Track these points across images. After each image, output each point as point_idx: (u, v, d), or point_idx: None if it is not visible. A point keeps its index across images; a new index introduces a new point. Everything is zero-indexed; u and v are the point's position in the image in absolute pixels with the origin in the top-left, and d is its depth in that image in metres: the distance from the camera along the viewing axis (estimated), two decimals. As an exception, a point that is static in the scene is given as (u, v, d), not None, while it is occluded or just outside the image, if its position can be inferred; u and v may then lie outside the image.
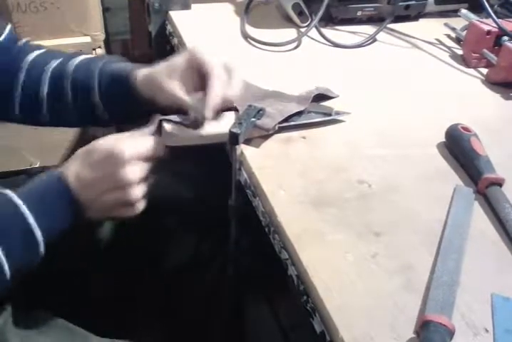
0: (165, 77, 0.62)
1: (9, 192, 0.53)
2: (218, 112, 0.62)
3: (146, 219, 0.59)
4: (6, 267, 0.50)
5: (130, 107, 0.67)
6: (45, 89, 0.68)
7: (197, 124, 0.61)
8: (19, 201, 0.52)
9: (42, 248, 0.53)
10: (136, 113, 0.69)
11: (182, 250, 0.82)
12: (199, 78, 0.62)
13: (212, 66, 0.60)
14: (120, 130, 0.64)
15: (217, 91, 0.59)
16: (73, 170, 0.55)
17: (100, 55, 1.29)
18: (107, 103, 0.68)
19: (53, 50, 0.74)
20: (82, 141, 1.36)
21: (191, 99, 0.61)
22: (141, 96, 0.65)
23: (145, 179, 0.57)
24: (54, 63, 0.69)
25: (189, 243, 0.82)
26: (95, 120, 0.71)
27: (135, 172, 0.55)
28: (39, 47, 0.73)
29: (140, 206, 0.58)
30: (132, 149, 0.55)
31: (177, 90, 0.61)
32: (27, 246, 0.52)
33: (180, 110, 0.62)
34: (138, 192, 0.56)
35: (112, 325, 0.75)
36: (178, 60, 0.63)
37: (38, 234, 0.52)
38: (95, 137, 0.57)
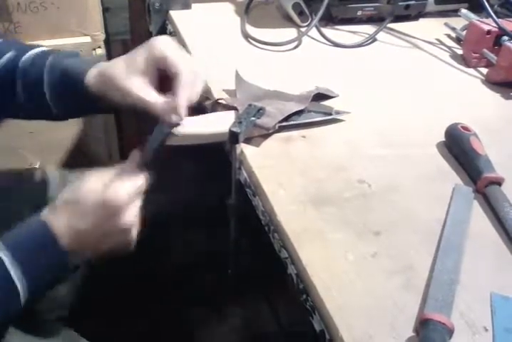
0: (121, 74, 0.57)
1: None
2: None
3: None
4: None
5: (82, 106, 0.64)
6: None
7: (172, 126, 0.58)
8: (6, 260, 0.49)
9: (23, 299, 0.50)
10: (89, 111, 0.66)
11: (182, 249, 0.82)
12: (160, 75, 0.58)
13: (181, 67, 0.56)
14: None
15: (187, 94, 0.56)
16: (64, 224, 0.52)
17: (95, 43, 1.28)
18: (56, 101, 0.63)
19: (7, 41, 0.68)
20: (82, 141, 1.36)
21: (155, 100, 0.56)
22: (93, 94, 0.60)
23: (139, 214, 0.55)
24: (5, 58, 0.64)
25: (189, 242, 0.82)
26: (44, 116, 0.67)
27: (131, 214, 0.54)
28: None
29: (135, 239, 0.56)
30: (125, 193, 0.53)
31: (137, 89, 0.56)
32: (7, 298, 0.50)
33: (137, 109, 0.58)
34: (135, 230, 0.55)
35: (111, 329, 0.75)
36: (138, 55, 0.58)
37: (19, 286, 0.49)
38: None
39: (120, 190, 0.53)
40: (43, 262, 0.52)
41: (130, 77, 0.56)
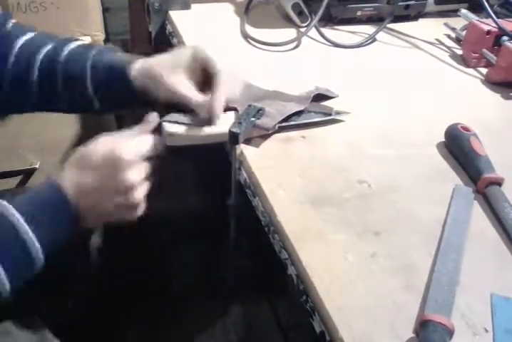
0: (167, 71, 0.61)
1: (6, 204, 0.51)
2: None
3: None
4: (6, 281, 0.49)
5: (123, 100, 0.66)
6: (34, 77, 0.66)
7: (206, 123, 0.61)
8: (17, 215, 0.50)
9: (40, 261, 0.51)
10: (130, 105, 0.68)
11: (182, 249, 0.82)
12: (202, 76, 0.61)
13: (220, 67, 0.60)
14: (119, 123, 0.64)
15: (224, 92, 0.60)
16: (71, 178, 0.53)
17: (95, 43, 1.29)
18: (100, 95, 0.66)
19: (44, 33, 0.70)
20: (82, 141, 1.36)
21: (196, 98, 0.60)
22: (137, 89, 0.63)
23: (146, 180, 0.56)
24: (44, 50, 0.66)
25: (188, 241, 0.82)
26: (85, 109, 0.70)
27: (137, 173, 0.54)
28: (29, 29, 0.70)
29: (141, 208, 0.56)
30: (133, 149, 0.54)
31: (181, 86, 0.60)
32: (25, 260, 0.51)
33: (177, 105, 0.61)
34: (140, 194, 0.55)
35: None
36: (183, 55, 0.62)
37: (36, 248, 0.50)
38: (95, 138, 0.56)
39: (128, 147, 0.54)
40: (53, 216, 0.52)
41: (175, 74, 0.60)
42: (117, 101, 0.67)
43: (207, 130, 0.63)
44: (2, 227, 0.50)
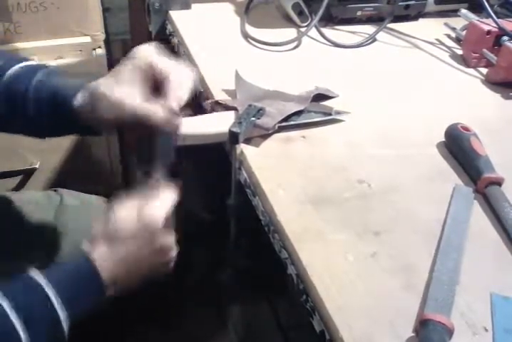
0: (111, 89, 0.56)
1: (41, 279, 0.50)
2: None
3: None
4: None
5: (65, 127, 0.63)
6: None
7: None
8: (50, 292, 0.50)
9: (66, 336, 0.52)
10: (72, 132, 0.66)
11: (182, 249, 0.82)
12: (152, 81, 0.57)
13: (168, 69, 0.56)
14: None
15: (176, 92, 0.56)
16: (104, 256, 0.53)
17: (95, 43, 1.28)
18: (41, 119, 0.61)
19: None
20: (82, 141, 1.36)
21: (143, 105, 0.56)
22: (82, 117, 0.59)
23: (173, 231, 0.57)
24: None
25: (188, 241, 0.82)
26: (26, 131, 0.65)
27: (168, 235, 0.55)
28: None
29: (173, 260, 0.58)
30: (160, 216, 0.54)
31: (126, 99, 0.55)
32: (54, 335, 0.51)
33: (129, 124, 0.57)
34: (173, 252, 0.57)
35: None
36: (123, 68, 0.57)
37: (65, 325, 0.51)
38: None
39: (155, 213, 0.54)
40: (83, 295, 0.53)
41: (118, 90, 0.56)
42: (58, 127, 0.63)
43: (207, 130, 0.63)
44: (38, 301, 0.50)
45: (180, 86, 0.56)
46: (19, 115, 0.61)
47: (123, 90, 0.55)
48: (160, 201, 0.55)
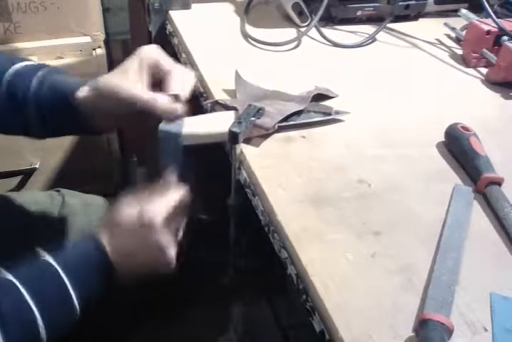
0: (120, 84, 0.58)
1: (53, 262, 0.53)
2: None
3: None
4: (44, 335, 0.51)
5: (66, 124, 0.64)
6: None
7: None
8: (63, 275, 0.52)
9: (78, 316, 0.54)
10: (72, 130, 0.67)
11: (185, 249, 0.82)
12: (154, 79, 0.60)
13: (171, 65, 0.60)
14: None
15: (178, 84, 0.59)
16: (110, 242, 0.56)
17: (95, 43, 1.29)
18: (40, 118, 0.63)
19: None
20: (82, 141, 1.36)
21: (147, 94, 0.58)
22: (83, 113, 0.60)
23: (176, 235, 0.59)
24: None
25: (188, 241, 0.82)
26: (24, 131, 0.66)
27: (169, 232, 0.57)
28: None
29: (174, 263, 0.59)
30: (160, 215, 0.56)
31: (135, 92, 0.58)
32: (65, 313, 0.53)
33: (135, 115, 0.60)
34: (172, 252, 0.58)
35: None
36: (130, 65, 0.59)
37: (76, 305, 0.53)
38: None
39: (155, 211, 0.56)
40: (94, 283, 0.56)
41: (127, 85, 0.58)
42: (59, 125, 0.64)
43: (207, 130, 0.63)
44: (51, 282, 0.53)
45: (183, 81, 0.60)
46: (20, 114, 0.62)
47: (131, 86, 0.58)
48: (162, 200, 0.57)
